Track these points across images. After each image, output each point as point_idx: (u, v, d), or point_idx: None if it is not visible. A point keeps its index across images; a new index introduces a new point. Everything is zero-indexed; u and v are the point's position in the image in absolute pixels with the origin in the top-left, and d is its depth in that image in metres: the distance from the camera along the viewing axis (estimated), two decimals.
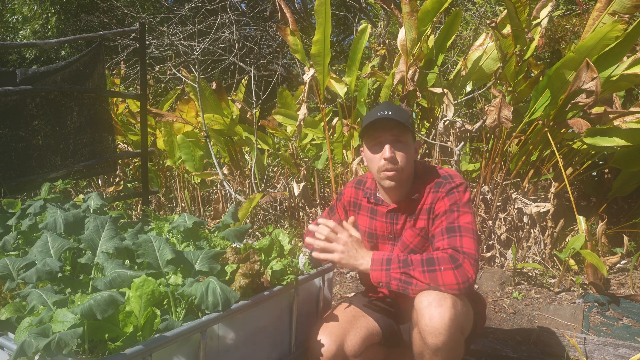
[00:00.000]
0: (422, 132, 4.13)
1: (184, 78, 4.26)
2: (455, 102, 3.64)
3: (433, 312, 1.43)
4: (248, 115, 4.26)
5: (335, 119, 4.36)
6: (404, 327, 1.82)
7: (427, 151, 4.06)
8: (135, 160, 5.24)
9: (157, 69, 7.47)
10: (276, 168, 5.00)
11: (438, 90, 3.57)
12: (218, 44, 7.04)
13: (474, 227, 1.61)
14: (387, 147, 1.65)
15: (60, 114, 3.07)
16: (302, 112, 3.73)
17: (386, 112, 1.65)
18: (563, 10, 5.02)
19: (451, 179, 1.69)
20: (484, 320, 1.86)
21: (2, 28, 10.64)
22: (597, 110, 3.21)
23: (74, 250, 1.54)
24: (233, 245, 1.73)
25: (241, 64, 6.85)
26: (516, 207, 3.54)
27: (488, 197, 3.68)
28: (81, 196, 2.66)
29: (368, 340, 1.74)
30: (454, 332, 1.43)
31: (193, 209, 4.98)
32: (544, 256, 3.48)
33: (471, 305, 1.71)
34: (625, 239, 3.65)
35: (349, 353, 1.67)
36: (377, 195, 1.83)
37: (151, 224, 1.97)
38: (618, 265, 3.62)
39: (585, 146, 3.37)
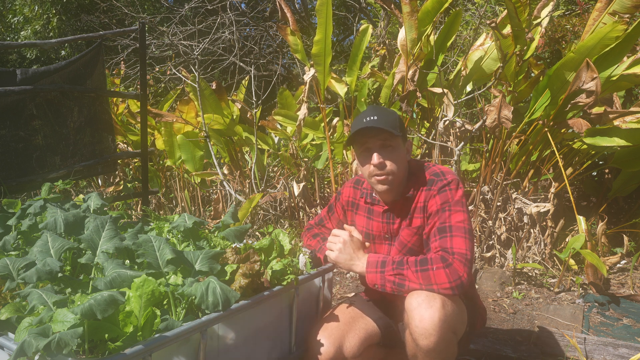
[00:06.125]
0: (422, 132, 4.13)
1: (184, 78, 4.26)
2: (455, 102, 3.64)
3: (423, 313, 1.42)
4: (248, 115, 4.26)
5: (336, 119, 4.36)
6: (402, 327, 1.82)
7: (427, 151, 4.06)
8: (135, 160, 5.24)
9: (157, 69, 7.47)
10: (276, 168, 5.00)
11: (438, 90, 3.57)
12: (218, 44, 7.03)
13: (466, 225, 1.59)
14: (375, 155, 1.65)
15: (60, 114, 3.07)
16: (303, 112, 3.73)
17: (372, 118, 1.65)
18: (563, 10, 5.02)
19: (443, 176, 1.68)
20: (483, 320, 1.86)
21: (3, 29, 10.64)
22: (597, 110, 3.21)
23: (74, 250, 1.54)
24: (233, 245, 1.72)
25: (241, 64, 6.84)
26: (516, 207, 3.54)
27: (488, 197, 3.68)
28: (81, 196, 2.65)
29: (367, 341, 1.74)
30: (445, 333, 1.43)
31: (193, 209, 4.98)
32: (544, 256, 3.48)
33: (470, 304, 1.71)
34: (625, 239, 3.65)
35: (347, 354, 1.67)
36: (373, 195, 1.83)
37: (151, 224, 1.97)
38: (618, 265, 3.62)
39: (585, 146, 3.37)
